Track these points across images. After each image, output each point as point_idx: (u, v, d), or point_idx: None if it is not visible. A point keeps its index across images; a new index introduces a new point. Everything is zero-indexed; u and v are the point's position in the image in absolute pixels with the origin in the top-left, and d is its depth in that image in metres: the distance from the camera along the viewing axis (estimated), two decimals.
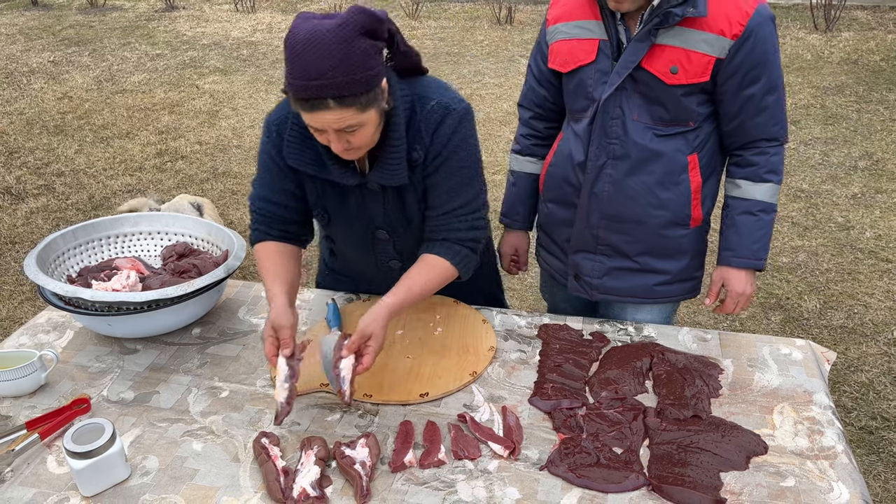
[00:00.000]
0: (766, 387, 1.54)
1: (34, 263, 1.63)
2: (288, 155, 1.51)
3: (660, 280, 1.79)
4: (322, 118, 1.30)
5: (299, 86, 1.27)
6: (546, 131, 1.89)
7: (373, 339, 1.40)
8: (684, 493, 1.25)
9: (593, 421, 1.43)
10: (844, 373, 2.85)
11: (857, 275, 3.49)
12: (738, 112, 1.61)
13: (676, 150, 1.65)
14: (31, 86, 6.61)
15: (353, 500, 1.27)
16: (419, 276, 1.50)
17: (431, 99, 1.46)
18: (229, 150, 5.11)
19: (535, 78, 1.83)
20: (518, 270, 2.07)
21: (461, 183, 1.52)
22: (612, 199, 1.71)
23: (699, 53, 1.53)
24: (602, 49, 1.63)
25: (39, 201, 4.39)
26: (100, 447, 1.25)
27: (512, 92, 6.18)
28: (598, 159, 1.69)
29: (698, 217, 1.73)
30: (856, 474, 1.32)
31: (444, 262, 1.53)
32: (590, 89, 1.66)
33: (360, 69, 1.27)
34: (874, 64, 6.54)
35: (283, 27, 8.50)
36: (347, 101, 1.28)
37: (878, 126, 5.20)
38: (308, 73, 1.25)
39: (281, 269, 1.54)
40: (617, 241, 1.76)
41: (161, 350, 1.67)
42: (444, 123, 1.46)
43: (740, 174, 1.69)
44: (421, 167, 1.50)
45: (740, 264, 1.71)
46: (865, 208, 4.09)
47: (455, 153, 1.49)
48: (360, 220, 1.63)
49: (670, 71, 1.56)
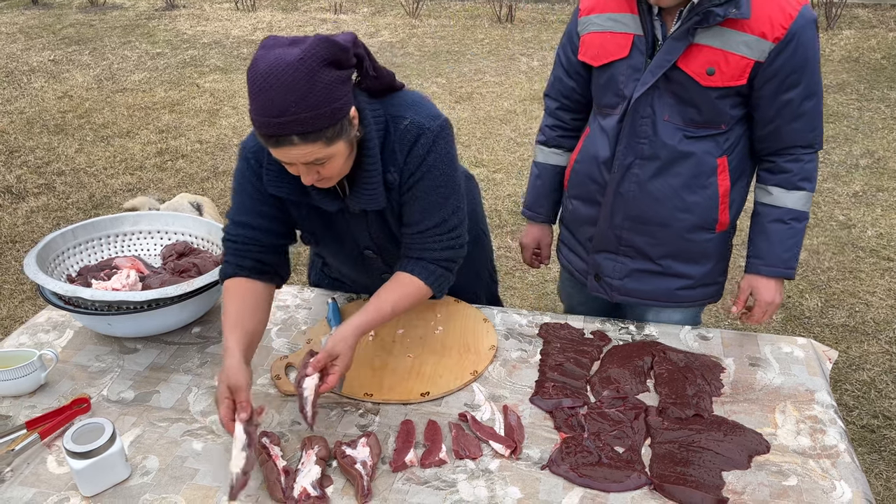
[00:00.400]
0: (768, 385, 1.53)
1: (34, 263, 1.62)
2: (268, 183, 1.45)
3: (682, 284, 1.75)
4: (288, 154, 1.26)
5: (262, 122, 1.23)
6: (573, 122, 1.84)
7: (339, 360, 1.36)
8: (686, 492, 1.25)
9: (595, 420, 1.42)
10: (846, 371, 2.84)
11: (859, 273, 3.48)
12: (774, 117, 1.55)
13: (706, 152, 1.59)
14: (32, 85, 6.60)
15: (354, 499, 1.26)
16: (391, 295, 1.46)
17: (405, 118, 1.42)
18: (230, 149, 5.10)
19: (564, 68, 1.77)
20: (539, 264, 2.04)
21: (436, 202, 1.47)
22: (637, 200, 1.66)
23: (738, 56, 1.48)
24: (636, 45, 1.57)
25: (40, 200, 4.39)
26: (100, 447, 1.24)
27: (512, 90, 6.17)
28: (626, 158, 1.64)
29: (725, 221, 1.68)
30: (858, 473, 1.31)
31: (417, 282, 1.49)
32: (621, 86, 1.61)
33: (325, 103, 1.22)
34: (875, 62, 6.53)
35: (284, 25, 8.50)
36: (312, 137, 1.24)
37: (880, 124, 5.19)
38: (270, 109, 1.20)
39: (244, 317, 1.42)
40: (640, 242, 1.72)
41: (161, 349, 1.67)
42: (418, 143, 1.42)
43: (772, 181, 1.63)
44: (397, 189, 1.46)
45: (770, 273, 1.66)
46: (867, 206, 4.08)
47: (430, 172, 1.44)
48: (348, 242, 1.61)
49: (706, 72, 1.50)
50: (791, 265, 1.65)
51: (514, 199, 4.26)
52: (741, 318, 1.75)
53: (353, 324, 1.41)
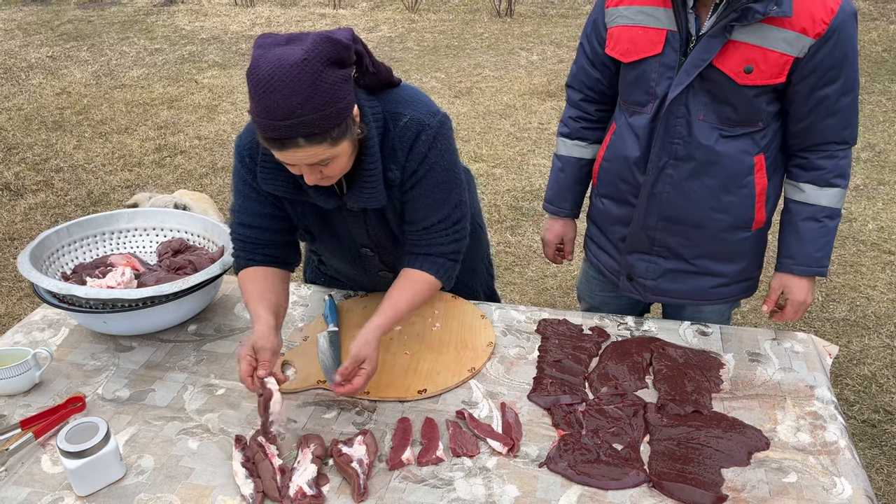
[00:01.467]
0: (768, 381, 1.52)
1: (28, 260, 1.61)
2: (263, 181, 1.44)
3: (717, 283, 1.72)
4: (293, 156, 1.25)
5: (267, 125, 1.21)
6: (597, 114, 1.78)
7: (367, 363, 1.37)
8: (685, 489, 1.24)
9: (593, 417, 1.41)
10: (847, 366, 2.83)
11: (860, 267, 3.47)
12: (809, 113, 1.50)
13: (743, 151, 1.55)
14: (30, 81, 6.58)
15: (351, 498, 1.25)
16: (404, 293, 1.46)
17: (404, 115, 1.40)
18: (228, 145, 5.09)
19: (589, 59, 1.71)
20: (563, 260, 1.99)
21: (439, 199, 1.46)
22: (672, 202, 1.62)
23: (777, 53, 1.42)
24: (669, 41, 1.50)
25: (38, 197, 4.37)
26: (94, 446, 1.23)
27: (511, 84, 6.15)
28: (660, 160, 1.59)
29: (762, 219, 1.64)
30: (858, 469, 1.30)
31: (427, 277, 1.49)
32: (652, 84, 1.55)
33: (330, 104, 1.21)
34: (876, 55, 6.50)
35: (283, 21, 8.47)
36: (318, 139, 1.22)
37: (881, 117, 5.17)
38: (276, 112, 1.18)
39: (266, 292, 1.46)
40: (674, 243, 1.68)
41: (157, 347, 1.66)
42: (419, 141, 1.40)
43: (805, 178, 1.58)
44: (399, 186, 1.45)
45: (803, 272, 1.62)
46: (868, 200, 4.07)
47: (432, 170, 1.43)
48: (345, 240, 1.59)
49: (744, 70, 1.44)
50: (823, 264, 1.61)
51: (513, 193, 4.25)
52: (772, 318, 1.73)
53: (374, 325, 1.40)
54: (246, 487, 1.25)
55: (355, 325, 1.68)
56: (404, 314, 1.46)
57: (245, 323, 1.74)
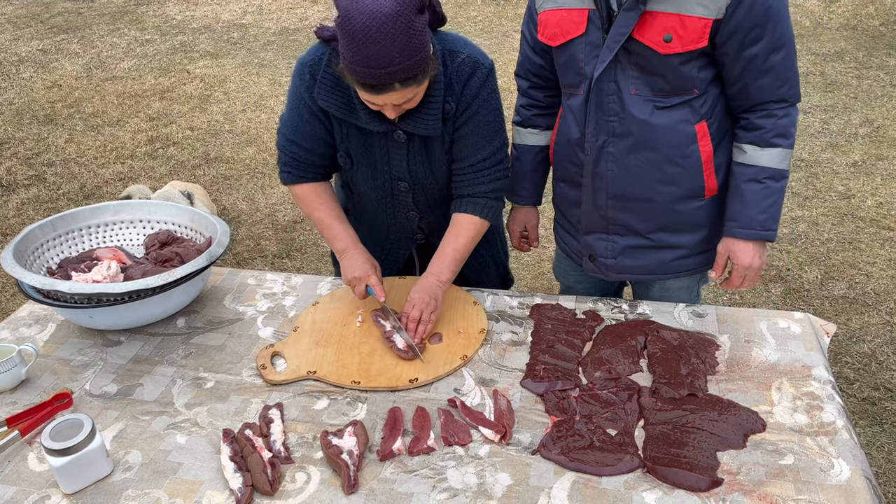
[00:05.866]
0: (764, 362, 1.50)
1: (11, 256, 1.59)
2: (319, 96, 1.53)
3: (677, 255, 1.70)
4: (385, 98, 1.38)
5: (368, 73, 1.32)
6: (546, 100, 1.78)
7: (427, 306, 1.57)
8: (680, 474, 1.22)
9: (587, 402, 1.39)
10: (846, 344, 2.81)
11: (859, 244, 3.44)
12: (742, 74, 1.49)
13: (682, 120, 1.54)
14: (21, 75, 6.52)
15: (341, 490, 1.23)
16: (455, 241, 1.63)
17: (461, 53, 1.53)
18: (221, 135, 5.04)
19: (530, 46, 1.72)
20: (529, 248, 2.00)
21: (488, 136, 1.59)
22: (618, 179, 1.62)
23: (694, 17, 1.41)
24: (592, 19, 1.51)
25: (30, 192, 4.34)
26: (78, 443, 1.22)
27: (506, 67, 6.08)
28: (598, 139, 1.59)
29: (713, 187, 1.62)
30: (857, 450, 1.28)
31: (473, 219, 1.63)
32: (581, 64, 1.56)
33: (421, 49, 1.34)
34: (874, 29, 6.43)
35: (274, 8, 8.38)
36: (411, 82, 1.36)
37: (879, 92, 5.11)
38: (377, 61, 1.30)
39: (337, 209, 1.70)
40: (627, 219, 1.67)
41: (145, 341, 1.64)
42: (475, 77, 1.53)
43: (746, 138, 1.57)
44: (452, 119, 1.56)
45: (746, 235, 1.59)
46: (866, 176, 4.03)
47: (483, 106, 1.56)
48: (382, 170, 1.66)
49: (664, 40, 1.44)
50: (769, 227, 1.58)
51: None
52: (722, 286, 1.71)
53: (435, 274, 1.61)
54: (234, 482, 1.24)
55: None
56: (461, 260, 1.64)
57: (235, 315, 1.72)
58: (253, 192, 4.26)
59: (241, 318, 1.71)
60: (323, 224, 1.69)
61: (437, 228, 1.75)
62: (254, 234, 3.82)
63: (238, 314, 1.72)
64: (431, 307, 1.57)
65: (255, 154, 4.71)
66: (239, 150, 4.81)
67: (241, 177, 4.43)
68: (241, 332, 1.66)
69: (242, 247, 3.72)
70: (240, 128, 5.15)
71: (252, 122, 5.22)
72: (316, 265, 3.55)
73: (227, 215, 4.03)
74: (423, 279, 1.62)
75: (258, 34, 7.48)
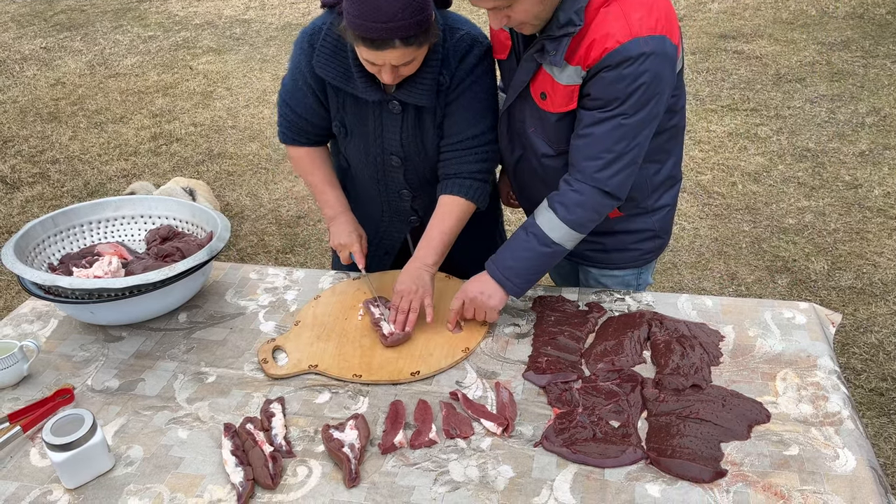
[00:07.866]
0: (769, 353, 1.48)
1: (12, 252, 1.58)
2: (317, 63, 1.55)
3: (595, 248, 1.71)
4: (385, 56, 1.38)
5: (367, 27, 1.33)
6: None
7: (415, 294, 1.56)
8: (683, 465, 1.21)
9: (589, 394, 1.38)
10: (854, 334, 2.79)
11: (866, 234, 3.41)
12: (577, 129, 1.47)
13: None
14: (24, 73, 6.53)
15: (342, 484, 1.23)
16: (441, 225, 1.62)
17: (461, 30, 1.55)
18: (224, 131, 5.04)
19: None
20: (519, 205, 1.97)
21: (478, 113, 1.60)
22: (533, 187, 1.67)
23: (562, 85, 1.43)
24: (514, 48, 1.54)
25: (35, 189, 4.35)
26: (79, 438, 1.21)
27: None
28: (512, 154, 1.66)
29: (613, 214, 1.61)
30: (862, 440, 1.27)
31: (458, 200, 1.62)
32: (506, 81, 1.61)
33: (423, 9, 1.35)
34: (880, 17, 6.37)
35: (277, 4, 8.37)
36: (412, 41, 1.36)
37: (886, 81, 5.07)
38: (378, 15, 1.31)
39: (330, 174, 1.75)
40: None
41: (147, 336, 1.63)
42: (471, 53, 1.55)
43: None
44: (445, 92, 1.57)
45: (489, 269, 1.54)
46: (873, 166, 3.99)
47: (477, 83, 1.57)
48: (375, 143, 1.66)
49: (540, 96, 1.49)
50: (511, 278, 1.51)
51: None
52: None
53: (421, 259, 1.59)
54: (235, 476, 1.23)
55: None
56: (448, 244, 1.62)
57: (237, 310, 1.71)
58: (256, 187, 4.25)
59: (243, 312, 1.70)
60: (316, 189, 1.75)
61: (430, 211, 1.75)
62: (257, 230, 3.82)
63: (239, 309, 1.72)
64: (420, 295, 1.55)
65: (258, 150, 4.71)
66: (242, 145, 4.80)
67: (245, 172, 4.43)
68: (242, 326, 1.65)
69: (246, 242, 3.72)
70: (243, 124, 5.15)
71: (255, 117, 5.21)
72: (319, 260, 3.55)
73: (231, 211, 4.03)
74: (408, 266, 1.61)
75: (261, 30, 7.47)
